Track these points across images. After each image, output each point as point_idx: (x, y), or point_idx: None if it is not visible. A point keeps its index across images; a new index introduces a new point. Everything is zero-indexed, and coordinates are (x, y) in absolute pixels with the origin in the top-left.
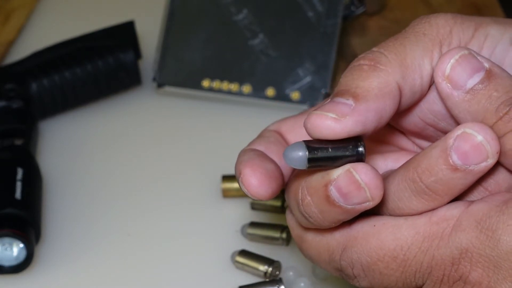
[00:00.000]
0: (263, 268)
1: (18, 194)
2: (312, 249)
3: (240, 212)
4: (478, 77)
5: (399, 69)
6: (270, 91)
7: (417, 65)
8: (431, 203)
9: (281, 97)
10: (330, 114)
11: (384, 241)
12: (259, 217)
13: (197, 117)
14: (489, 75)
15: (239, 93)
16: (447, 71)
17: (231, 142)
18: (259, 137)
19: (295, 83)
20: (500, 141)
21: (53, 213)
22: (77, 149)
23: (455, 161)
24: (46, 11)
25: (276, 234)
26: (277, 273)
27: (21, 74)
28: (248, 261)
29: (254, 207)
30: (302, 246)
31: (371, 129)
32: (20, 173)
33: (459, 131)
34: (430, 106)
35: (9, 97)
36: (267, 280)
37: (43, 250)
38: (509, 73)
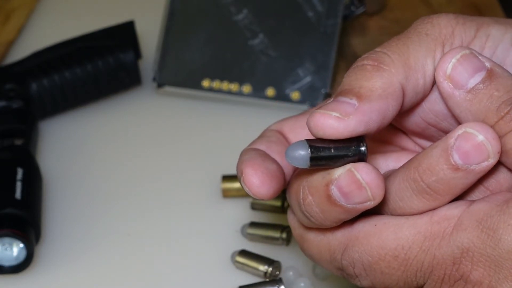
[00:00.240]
0: (263, 268)
1: (18, 194)
2: (314, 248)
3: (240, 212)
4: (479, 76)
5: (402, 69)
6: (270, 91)
7: (420, 65)
8: (432, 203)
9: (281, 97)
10: (333, 113)
11: (385, 241)
12: (259, 217)
13: (197, 117)
14: (490, 75)
15: (239, 93)
16: (449, 70)
17: (231, 142)
18: (261, 137)
19: (295, 83)
20: (501, 141)
21: (53, 213)
22: (77, 149)
23: (456, 160)
24: (46, 11)
25: (276, 234)
26: (277, 273)
27: (21, 74)
28: (248, 261)
29: (254, 207)
30: (303, 246)
31: (374, 129)
32: (20, 173)
33: (460, 131)
34: (431, 106)
35: (9, 97)
36: (267, 280)
37: (43, 250)
38: (510, 72)
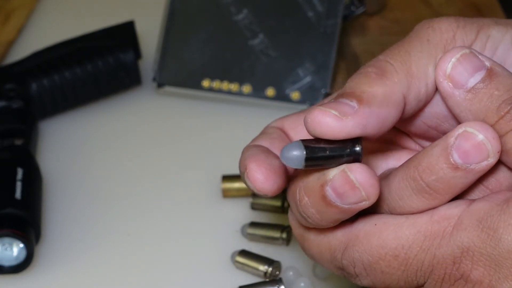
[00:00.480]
0: (263, 268)
1: (18, 194)
2: (314, 248)
3: (240, 212)
4: (479, 76)
5: (405, 79)
6: (270, 91)
7: (422, 73)
8: (431, 202)
9: (281, 97)
10: (332, 111)
11: (385, 240)
12: (259, 217)
13: (197, 117)
14: (490, 74)
15: (239, 93)
16: (448, 70)
17: (231, 142)
18: (263, 134)
19: (295, 83)
20: (501, 140)
21: (53, 213)
22: (77, 149)
23: (455, 160)
24: (46, 11)
25: (276, 234)
26: (277, 273)
27: (21, 74)
28: (248, 261)
29: (254, 207)
30: (304, 245)
31: (371, 134)
32: (20, 173)
33: (460, 130)
34: (432, 108)
35: (9, 97)
36: (267, 280)
37: (43, 250)
38: (510, 72)
